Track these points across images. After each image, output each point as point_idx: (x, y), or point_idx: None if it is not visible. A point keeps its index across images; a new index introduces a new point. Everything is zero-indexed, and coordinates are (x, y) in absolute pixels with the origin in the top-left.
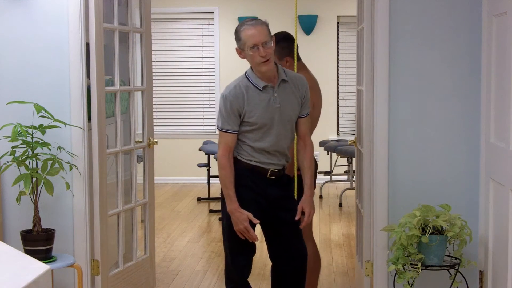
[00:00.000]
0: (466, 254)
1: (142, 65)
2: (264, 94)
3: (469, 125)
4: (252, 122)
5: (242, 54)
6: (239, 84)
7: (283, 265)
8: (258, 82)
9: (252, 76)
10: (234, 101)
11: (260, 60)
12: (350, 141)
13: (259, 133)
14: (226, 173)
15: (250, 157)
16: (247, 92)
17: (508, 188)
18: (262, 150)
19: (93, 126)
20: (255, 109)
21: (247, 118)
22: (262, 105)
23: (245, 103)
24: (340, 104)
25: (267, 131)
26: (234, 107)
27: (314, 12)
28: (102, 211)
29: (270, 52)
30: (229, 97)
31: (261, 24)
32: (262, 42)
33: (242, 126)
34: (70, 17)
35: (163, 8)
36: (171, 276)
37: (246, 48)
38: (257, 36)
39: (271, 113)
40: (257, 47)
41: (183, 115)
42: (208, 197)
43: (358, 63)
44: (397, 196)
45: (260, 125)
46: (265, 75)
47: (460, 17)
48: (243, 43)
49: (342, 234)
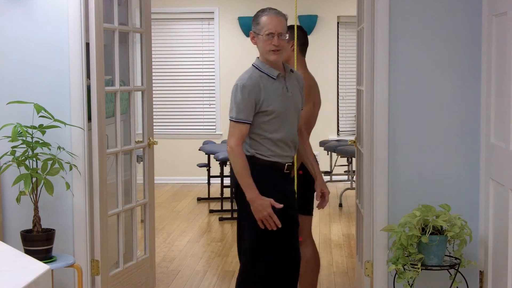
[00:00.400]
0: (466, 254)
1: (142, 65)
2: (277, 83)
3: (469, 125)
4: (270, 111)
5: (255, 39)
6: (252, 74)
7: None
8: (272, 71)
9: (262, 66)
10: (252, 90)
11: (271, 48)
12: (350, 141)
13: (276, 123)
14: (243, 161)
15: (269, 152)
16: (262, 82)
17: (508, 188)
18: (279, 141)
19: (93, 126)
20: (272, 98)
21: (264, 107)
22: (278, 94)
23: (261, 92)
24: (340, 104)
25: (283, 120)
26: (252, 96)
27: (314, 12)
28: (102, 211)
29: (283, 44)
30: (247, 86)
31: (283, 16)
32: (279, 33)
33: (258, 117)
34: (70, 17)
35: (163, 8)
36: (171, 276)
37: (262, 33)
38: (276, 25)
39: (286, 102)
40: (272, 36)
41: (183, 115)
42: (208, 197)
43: (358, 63)
44: (397, 196)
45: (277, 114)
46: (274, 64)
47: (460, 17)
48: (261, 28)
49: (342, 234)
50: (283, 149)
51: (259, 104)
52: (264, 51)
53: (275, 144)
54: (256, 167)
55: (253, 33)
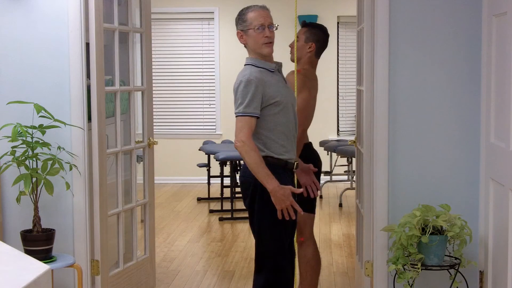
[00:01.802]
0: (466, 254)
1: (142, 65)
2: (275, 75)
3: (469, 125)
4: (279, 101)
5: (244, 38)
6: (252, 71)
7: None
8: (268, 65)
9: (258, 62)
10: (259, 84)
11: (264, 41)
12: (350, 141)
13: (285, 114)
14: (257, 153)
15: (282, 149)
16: (263, 76)
17: (508, 188)
18: (289, 134)
19: (93, 126)
20: (276, 89)
21: (272, 99)
22: (279, 85)
23: (266, 86)
24: (340, 104)
25: (288, 111)
26: (259, 90)
27: (314, 12)
28: (102, 211)
29: (273, 35)
30: (253, 80)
31: (267, 9)
32: (268, 24)
33: (268, 110)
34: (70, 17)
35: (163, 8)
36: (171, 276)
37: (252, 28)
38: (264, 16)
39: (286, 93)
40: (263, 28)
41: (183, 115)
42: (208, 197)
43: (358, 63)
44: (397, 196)
45: (285, 104)
46: (267, 58)
47: (460, 17)
48: (249, 24)
49: (342, 234)
50: (292, 143)
51: (266, 97)
52: (257, 46)
53: (287, 138)
54: (270, 167)
55: (241, 32)
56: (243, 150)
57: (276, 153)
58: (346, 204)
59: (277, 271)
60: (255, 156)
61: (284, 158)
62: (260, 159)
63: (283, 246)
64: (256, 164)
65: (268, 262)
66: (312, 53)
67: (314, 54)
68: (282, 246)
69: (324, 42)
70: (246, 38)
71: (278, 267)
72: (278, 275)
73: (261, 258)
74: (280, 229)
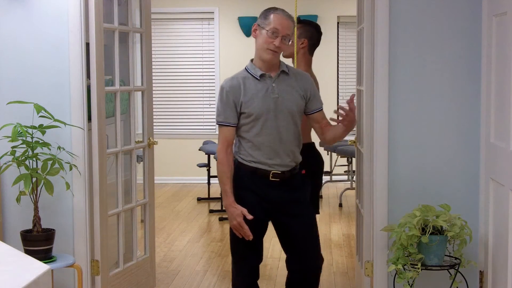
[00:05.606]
0: (466, 254)
1: (142, 65)
2: (261, 83)
3: (469, 125)
4: (248, 113)
5: (256, 33)
6: (237, 76)
7: (294, 272)
8: (256, 71)
9: (250, 67)
10: (230, 92)
11: (269, 47)
12: (350, 141)
13: (258, 126)
14: (223, 168)
15: (250, 157)
16: (244, 83)
17: (508, 188)
18: (263, 146)
19: (93, 126)
20: (252, 99)
21: (244, 108)
22: (259, 95)
23: (241, 94)
24: (340, 104)
25: (265, 123)
26: (230, 98)
27: (314, 12)
28: (102, 211)
29: (283, 48)
30: (225, 87)
31: (292, 21)
32: (283, 35)
33: (241, 119)
34: (70, 17)
35: (163, 8)
36: (171, 276)
37: (267, 28)
38: (284, 26)
39: (267, 103)
40: (275, 35)
41: (183, 115)
42: (208, 197)
43: (358, 63)
44: (397, 196)
45: (257, 116)
46: (266, 64)
47: (460, 17)
48: (267, 23)
49: (342, 234)
50: (268, 156)
51: (239, 105)
52: (261, 47)
53: (258, 149)
54: (240, 172)
55: (257, 26)
56: (217, 160)
57: (245, 160)
58: (346, 204)
59: (234, 270)
60: (221, 170)
61: (252, 166)
62: (223, 173)
63: (237, 253)
64: (219, 178)
65: (232, 257)
66: (305, 49)
67: (307, 51)
68: (236, 252)
69: (316, 39)
70: (258, 35)
71: (234, 266)
72: (233, 276)
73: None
74: (235, 236)
